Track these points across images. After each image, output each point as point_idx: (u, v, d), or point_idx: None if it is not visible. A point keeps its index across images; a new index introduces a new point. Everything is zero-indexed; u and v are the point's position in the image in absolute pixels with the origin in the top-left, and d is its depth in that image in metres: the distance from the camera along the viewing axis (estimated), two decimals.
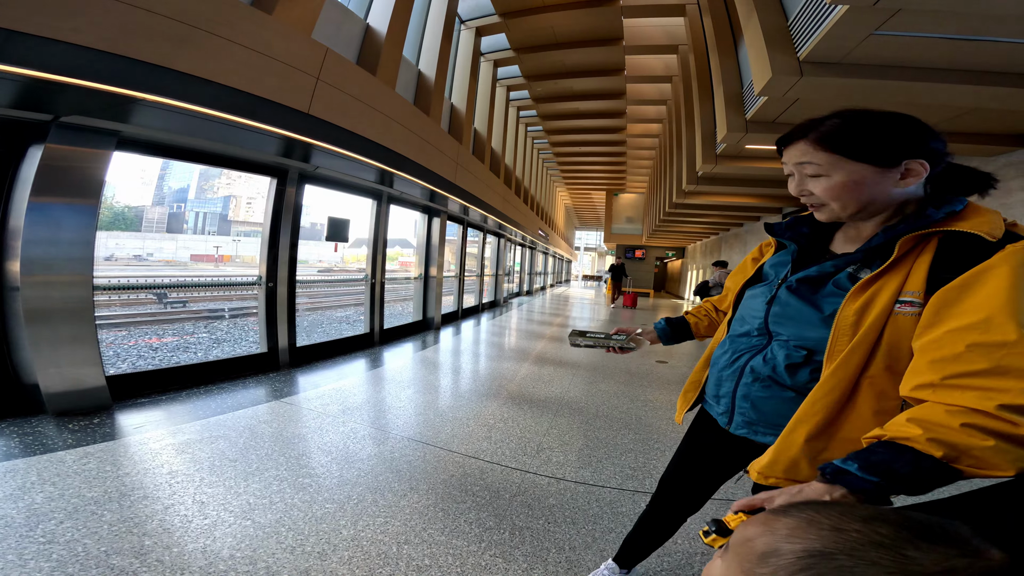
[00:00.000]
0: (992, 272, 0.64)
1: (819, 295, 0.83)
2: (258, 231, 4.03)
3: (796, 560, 0.35)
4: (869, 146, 0.74)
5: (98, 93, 2.13)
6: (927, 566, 0.32)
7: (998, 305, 0.61)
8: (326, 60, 3.20)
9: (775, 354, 0.88)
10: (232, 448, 2.28)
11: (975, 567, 0.32)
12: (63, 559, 1.44)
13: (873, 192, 0.76)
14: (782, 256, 0.98)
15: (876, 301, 0.73)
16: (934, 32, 1.93)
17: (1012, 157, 3.59)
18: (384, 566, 1.52)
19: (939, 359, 0.64)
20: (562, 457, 2.47)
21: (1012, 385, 0.58)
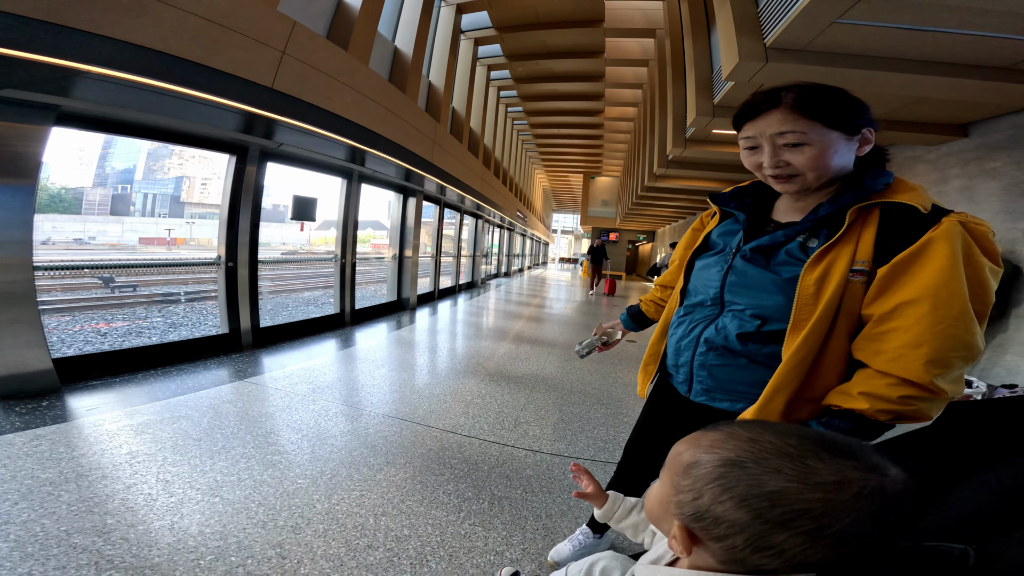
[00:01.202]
0: (933, 248, 0.72)
1: (773, 263, 0.88)
2: (215, 213, 3.84)
3: (713, 469, 0.41)
4: (840, 114, 0.78)
5: (33, 64, 1.96)
6: (824, 475, 0.38)
7: (942, 281, 0.70)
8: (293, 33, 3.06)
9: (726, 324, 0.92)
10: (195, 428, 2.23)
11: (869, 480, 0.38)
12: (21, 539, 1.40)
13: (840, 161, 0.80)
14: (729, 225, 1.02)
15: (833, 271, 0.78)
16: (891, 22, 2.04)
17: (953, 146, 3.85)
18: (361, 537, 1.56)
19: (887, 330, 0.74)
20: (538, 431, 2.56)
21: (947, 356, 0.69)
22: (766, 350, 0.87)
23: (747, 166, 0.90)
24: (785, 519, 0.38)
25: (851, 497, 0.37)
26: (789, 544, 0.38)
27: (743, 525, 0.39)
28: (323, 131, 3.48)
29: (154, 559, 1.37)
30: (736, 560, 0.42)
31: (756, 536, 0.39)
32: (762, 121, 0.83)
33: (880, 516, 0.38)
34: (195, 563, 1.37)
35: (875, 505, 0.37)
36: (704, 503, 0.42)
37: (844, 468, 0.39)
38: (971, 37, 2.16)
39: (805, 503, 0.38)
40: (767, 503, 0.38)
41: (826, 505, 0.37)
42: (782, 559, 0.39)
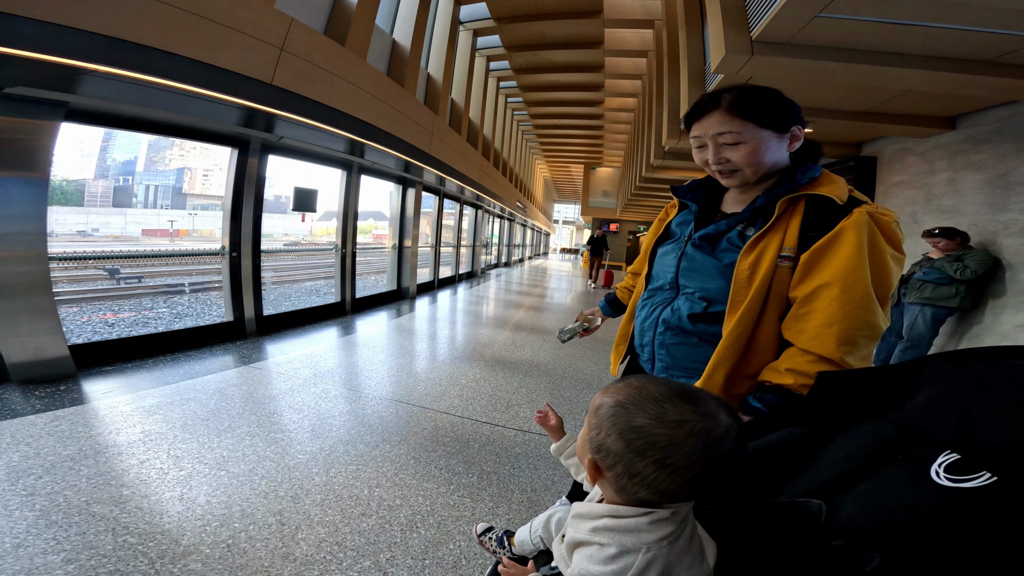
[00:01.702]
0: (844, 236, 0.80)
1: (717, 250, 0.96)
2: (216, 204, 3.92)
3: (608, 409, 0.52)
4: (770, 113, 0.86)
5: (44, 64, 2.03)
6: (670, 416, 0.49)
7: (850, 267, 0.78)
8: (291, 30, 3.10)
9: (680, 306, 0.99)
10: (203, 409, 2.35)
11: (699, 423, 0.49)
12: (46, 508, 1.52)
13: (773, 156, 0.88)
14: (685, 216, 1.10)
15: (764, 257, 0.86)
16: (872, 16, 2.06)
17: (941, 139, 3.87)
18: (356, 506, 1.67)
19: (807, 311, 0.82)
20: (529, 412, 2.66)
21: (853, 335, 0.78)
22: (712, 329, 0.94)
23: (697, 162, 0.97)
24: (643, 449, 0.49)
25: (685, 434, 0.48)
26: (647, 472, 0.49)
27: (620, 454, 0.50)
28: (322, 125, 3.54)
29: (165, 525, 1.49)
30: (622, 489, 0.52)
31: (628, 463, 0.50)
32: (705, 121, 0.90)
33: (704, 451, 0.48)
34: (202, 528, 1.49)
35: (700, 441, 0.48)
36: (601, 437, 0.52)
37: (686, 412, 0.49)
38: (953, 31, 2.19)
39: (655, 436, 0.48)
40: (633, 435, 0.49)
41: (668, 439, 0.48)
42: (645, 486, 0.49)
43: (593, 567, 0.52)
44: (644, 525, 0.51)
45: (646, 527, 0.51)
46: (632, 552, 0.51)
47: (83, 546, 1.37)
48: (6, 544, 1.35)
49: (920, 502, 0.43)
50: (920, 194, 4.15)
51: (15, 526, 1.42)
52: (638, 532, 0.51)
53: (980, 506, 0.39)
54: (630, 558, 0.50)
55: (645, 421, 0.49)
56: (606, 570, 0.51)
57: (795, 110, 0.88)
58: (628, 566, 0.50)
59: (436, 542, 1.52)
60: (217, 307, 6.92)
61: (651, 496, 0.51)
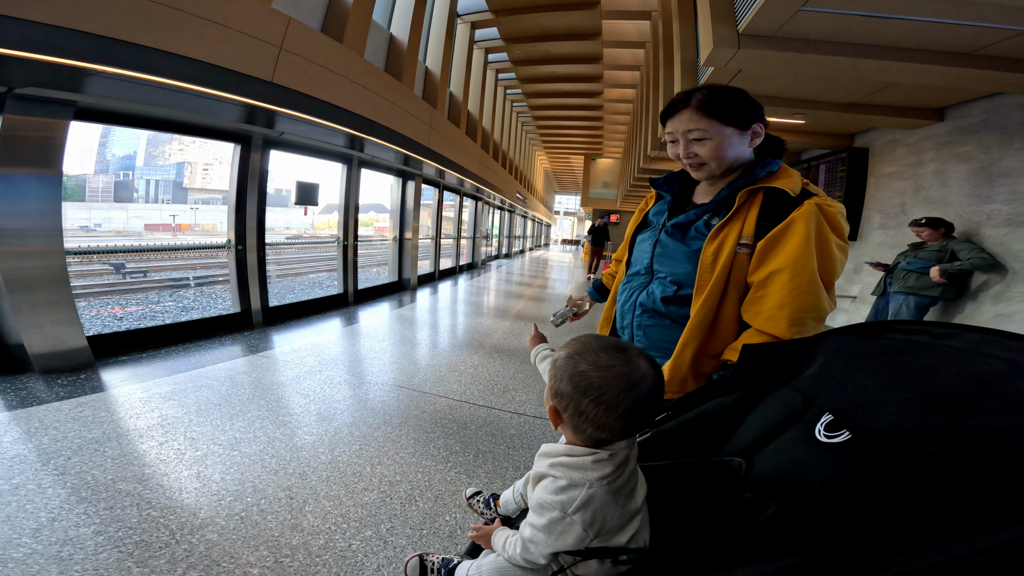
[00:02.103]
0: (794, 226, 0.87)
1: (687, 237, 1.02)
2: (217, 198, 4.01)
3: (563, 361, 0.63)
4: (733, 112, 0.93)
5: (54, 66, 2.10)
6: (604, 362, 0.61)
7: (798, 254, 0.85)
8: (289, 29, 3.16)
9: (654, 290, 1.06)
10: (215, 395, 2.47)
11: (624, 367, 0.60)
12: (76, 486, 1.64)
13: (736, 152, 0.95)
14: (661, 206, 1.17)
15: (725, 244, 0.93)
16: (855, 9, 2.10)
17: (929, 130, 3.89)
18: (359, 482, 1.79)
19: (762, 295, 0.90)
20: (524, 397, 2.78)
21: (802, 316, 0.85)
22: (683, 311, 1.01)
23: (671, 156, 1.04)
24: (584, 389, 0.61)
25: (613, 376, 0.60)
26: (589, 408, 0.60)
27: (570, 396, 0.62)
28: (322, 121, 3.60)
29: (184, 500, 1.61)
30: (576, 428, 0.63)
31: (575, 403, 0.61)
32: (677, 119, 0.97)
33: (627, 390, 0.59)
34: (218, 503, 1.61)
35: (625, 381, 0.60)
36: (556, 384, 0.64)
37: (614, 359, 0.61)
38: (933, 24, 2.22)
39: (592, 379, 0.61)
40: (578, 378, 0.61)
41: (601, 380, 0.60)
42: (590, 422, 0.61)
43: (547, 496, 0.64)
44: (588, 464, 0.62)
45: (590, 465, 0.62)
46: (578, 486, 0.62)
47: (111, 519, 1.49)
48: (42, 518, 1.47)
49: (807, 458, 0.52)
50: (909, 185, 4.19)
51: (49, 502, 1.54)
52: (584, 469, 0.62)
53: (843, 458, 0.48)
54: (575, 491, 0.61)
55: (586, 367, 0.61)
56: (556, 499, 0.62)
57: (757, 109, 0.95)
58: (573, 498, 0.61)
59: (433, 514, 1.64)
60: (222, 300, 7.03)
61: (596, 432, 0.61)
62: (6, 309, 2.50)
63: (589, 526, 0.61)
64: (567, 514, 0.61)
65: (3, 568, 1.25)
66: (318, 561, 1.39)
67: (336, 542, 1.47)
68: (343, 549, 1.44)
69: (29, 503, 1.52)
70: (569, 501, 0.61)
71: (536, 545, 0.65)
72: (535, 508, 0.66)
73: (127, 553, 1.35)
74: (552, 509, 0.62)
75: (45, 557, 1.31)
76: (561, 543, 0.62)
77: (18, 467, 1.71)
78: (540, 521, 0.64)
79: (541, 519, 0.64)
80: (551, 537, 0.63)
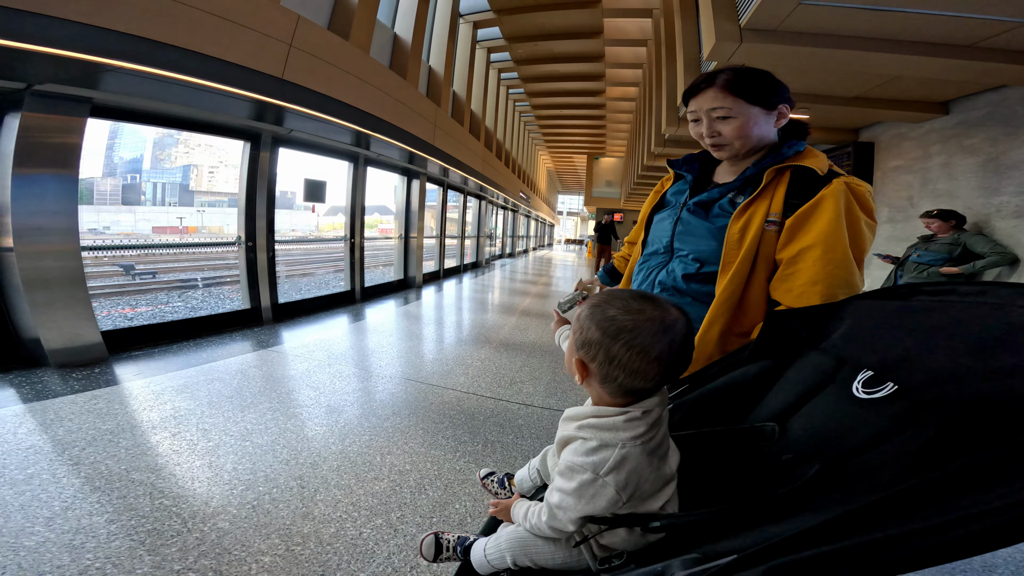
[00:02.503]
0: (824, 204, 0.85)
1: (710, 215, 1.01)
2: (223, 200, 4.03)
3: (587, 311, 0.64)
4: (759, 92, 0.91)
5: (73, 61, 2.11)
6: (634, 308, 0.59)
7: (830, 231, 0.84)
8: (298, 26, 3.17)
9: (674, 268, 1.04)
10: (227, 388, 2.48)
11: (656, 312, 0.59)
12: (90, 475, 1.64)
13: (761, 131, 0.94)
14: (680, 186, 1.15)
15: (752, 221, 0.91)
16: (854, 3, 2.08)
17: (935, 124, 3.84)
18: (369, 471, 1.78)
19: (793, 272, 0.88)
20: (532, 389, 2.76)
21: (834, 292, 0.84)
22: (705, 289, 0.98)
23: (693, 135, 1.02)
24: (616, 333, 0.59)
25: (645, 319, 0.59)
26: (621, 353, 0.58)
27: (599, 341, 0.60)
28: (329, 117, 3.60)
29: (196, 489, 1.61)
30: (606, 377, 0.61)
31: (606, 349, 0.59)
32: (701, 97, 0.95)
33: (661, 332, 0.58)
34: (229, 492, 1.61)
35: (658, 324, 0.58)
36: (582, 335, 0.62)
37: (645, 305, 0.60)
38: (933, 17, 2.19)
39: (623, 322, 0.59)
40: (608, 323, 0.60)
41: (633, 323, 0.58)
42: (622, 368, 0.58)
43: (577, 458, 0.61)
44: (620, 423, 0.60)
45: (621, 425, 0.60)
46: (610, 447, 0.59)
47: (124, 508, 1.49)
48: (56, 507, 1.47)
49: (846, 416, 0.51)
50: (916, 179, 4.13)
51: (63, 491, 1.54)
52: (615, 430, 0.60)
53: (890, 410, 0.47)
54: (607, 452, 0.59)
55: (615, 312, 0.60)
56: (587, 460, 0.60)
57: (783, 90, 0.94)
58: (605, 459, 0.58)
59: (443, 502, 1.63)
60: (229, 300, 7.07)
61: (629, 380, 0.59)
62: (23, 305, 2.52)
63: (622, 488, 0.58)
64: (599, 476, 0.58)
65: (15, 556, 1.25)
66: (329, 549, 1.38)
67: (347, 530, 1.46)
68: (354, 537, 1.44)
69: (43, 492, 1.53)
70: (601, 462, 0.58)
71: (565, 510, 0.62)
72: (563, 472, 0.63)
73: (139, 541, 1.35)
74: (583, 471, 0.59)
75: (57, 545, 1.30)
76: (592, 507, 0.59)
77: (33, 457, 1.71)
78: (570, 484, 0.61)
79: (571, 482, 0.61)
80: (581, 501, 0.60)
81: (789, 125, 0.98)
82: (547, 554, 0.69)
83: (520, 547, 0.71)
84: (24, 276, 2.46)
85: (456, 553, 0.87)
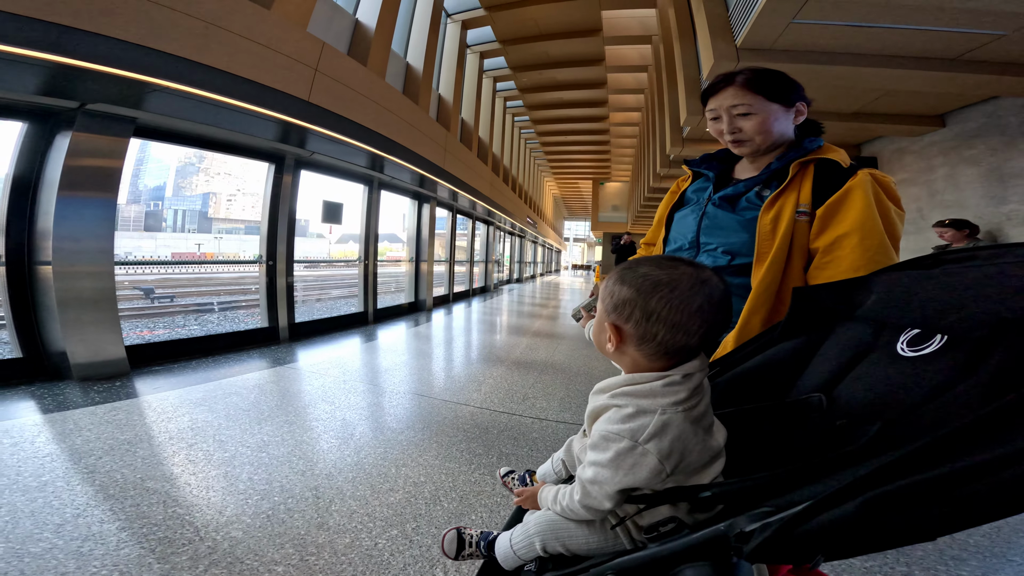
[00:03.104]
0: (853, 193, 0.87)
1: (737, 208, 1.01)
2: (240, 227, 4.15)
3: (615, 275, 0.62)
4: (778, 89, 0.94)
5: (122, 80, 2.24)
6: (664, 265, 0.57)
7: (864, 217, 0.85)
8: (323, 52, 3.35)
9: (702, 260, 1.03)
10: (244, 401, 2.46)
11: (690, 267, 0.57)
12: (105, 484, 1.62)
13: (781, 127, 0.96)
14: (700, 184, 1.16)
15: (784, 212, 0.92)
16: (842, 20, 2.14)
17: (935, 136, 3.86)
18: (384, 482, 1.73)
19: (831, 259, 0.88)
20: (545, 404, 2.70)
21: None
22: (737, 281, 0.96)
23: (712, 133, 1.05)
24: (651, 287, 0.56)
25: (680, 273, 0.56)
26: (659, 307, 0.55)
27: (634, 299, 0.57)
28: (350, 139, 3.74)
29: (211, 498, 1.58)
30: (643, 337, 0.57)
31: (643, 305, 0.56)
32: (720, 96, 0.98)
33: (699, 285, 0.55)
34: (244, 501, 1.57)
35: (694, 278, 0.56)
36: (613, 299, 0.59)
37: (674, 263, 0.58)
38: (916, 32, 2.25)
39: (658, 277, 0.56)
40: (641, 279, 0.57)
41: (669, 276, 0.56)
42: (662, 322, 0.55)
43: (611, 427, 0.56)
44: (659, 388, 0.55)
45: (660, 390, 0.55)
46: (648, 413, 0.54)
47: (136, 516, 1.46)
48: (67, 514, 1.44)
49: (897, 375, 0.49)
50: (922, 191, 4.12)
51: (76, 499, 1.52)
52: (653, 395, 0.55)
53: (943, 363, 0.45)
54: (646, 418, 0.54)
55: (647, 269, 0.58)
56: (624, 428, 0.55)
57: (799, 88, 0.97)
58: (644, 425, 0.53)
59: (458, 514, 1.57)
60: (244, 324, 7.16)
61: (670, 335, 0.55)
62: (53, 322, 2.57)
63: (666, 457, 0.53)
64: (638, 443, 0.53)
65: (19, 562, 1.22)
66: (344, 559, 1.33)
67: (362, 540, 1.41)
68: (369, 548, 1.38)
69: (56, 499, 1.50)
70: (640, 428, 0.53)
71: (600, 485, 0.56)
72: (597, 444, 0.57)
73: (149, 549, 1.31)
74: (619, 439, 0.54)
75: (64, 552, 1.27)
76: (632, 478, 0.54)
77: (48, 465, 1.70)
78: (605, 456, 0.55)
79: (606, 453, 0.55)
80: (619, 472, 0.54)
81: (805, 123, 1.00)
82: (580, 538, 0.64)
83: (551, 531, 0.66)
84: (59, 296, 2.52)
85: (479, 549, 0.82)
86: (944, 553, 1.49)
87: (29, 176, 2.56)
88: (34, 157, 2.56)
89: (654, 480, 0.54)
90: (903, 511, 0.34)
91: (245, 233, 25.91)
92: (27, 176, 2.56)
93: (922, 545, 1.41)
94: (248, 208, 32.36)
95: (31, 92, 2.32)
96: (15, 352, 2.66)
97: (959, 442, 0.34)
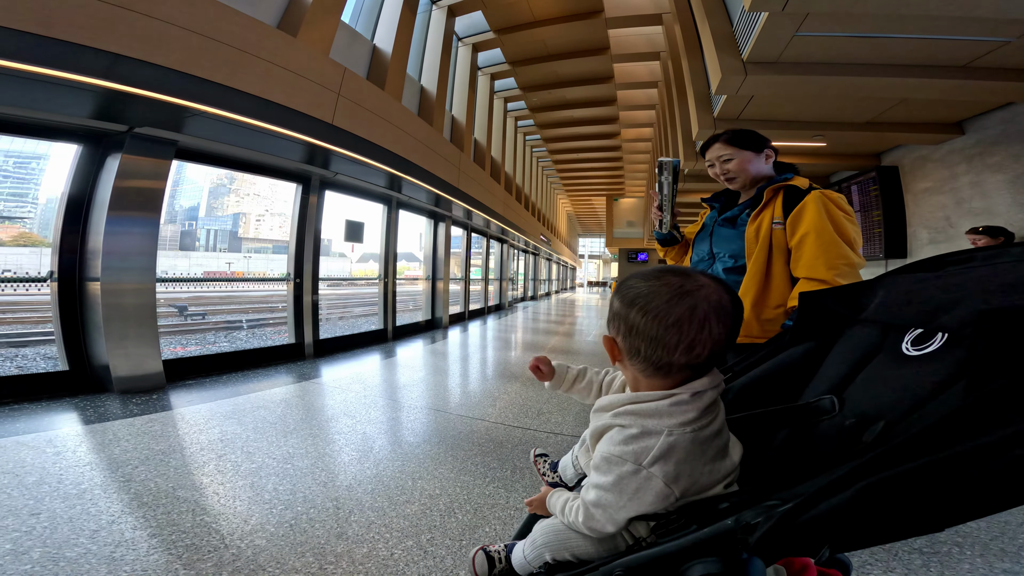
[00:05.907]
0: (806, 206, 1.22)
1: (736, 225, 1.39)
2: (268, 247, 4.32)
3: (617, 287, 0.60)
4: (750, 141, 1.36)
5: (166, 105, 2.43)
6: (652, 275, 0.56)
7: (817, 220, 1.19)
8: (345, 77, 3.55)
9: (717, 268, 1.40)
10: (271, 415, 2.55)
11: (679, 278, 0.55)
12: (139, 492, 1.70)
13: (756, 168, 1.37)
14: (712, 215, 1.53)
15: (763, 224, 1.29)
16: (844, 32, 2.15)
17: (955, 144, 3.74)
18: (401, 494, 1.76)
19: (800, 254, 1.21)
20: (560, 418, 2.69)
21: (834, 262, 1.15)
22: (738, 277, 1.31)
23: (712, 176, 1.45)
24: (631, 300, 0.54)
25: (662, 284, 0.53)
26: (636, 319, 0.53)
27: (620, 312, 0.56)
28: (370, 160, 3.91)
29: (237, 507, 1.63)
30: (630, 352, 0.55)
31: (625, 319, 0.55)
32: (712, 149, 1.42)
33: (678, 296, 0.52)
34: (268, 511, 1.61)
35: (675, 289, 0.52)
36: (610, 309, 0.59)
37: (668, 275, 0.55)
38: (921, 40, 2.23)
39: (638, 289, 0.55)
40: (626, 290, 0.56)
41: (648, 289, 0.54)
42: (641, 337, 0.53)
43: (614, 448, 0.52)
44: (665, 408, 0.52)
45: (666, 409, 0.52)
46: (654, 434, 0.51)
47: (167, 523, 1.52)
48: (102, 520, 1.51)
49: (901, 375, 0.50)
50: (949, 199, 3.99)
51: (111, 506, 1.59)
52: (659, 415, 0.52)
53: (948, 358, 0.46)
54: (651, 440, 0.51)
55: (634, 281, 0.57)
56: (627, 449, 0.51)
57: (765, 140, 1.36)
58: (648, 448, 0.50)
59: (472, 526, 1.57)
60: (271, 340, 7.37)
61: (651, 350, 0.52)
62: (100, 337, 2.74)
63: (673, 481, 0.50)
64: (642, 466, 0.50)
65: (54, 566, 1.27)
66: (361, 569, 1.35)
67: (379, 551, 1.43)
68: (385, 557, 1.40)
69: (93, 507, 1.58)
70: (644, 451, 0.50)
71: (604, 509, 0.53)
72: (599, 465, 0.54)
73: (176, 556, 1.36)
74: (622, 462, 0.51)
75: (98, 557, 1.32)
76: (638, 504, 0.50)
77: (88, 474, 1.80)
78: (607, 479, 0.52)
79: (608, 476, 0.52)
80: (623, 497, 0.51)
81: (783, 164, 1.39)
82: (589, 546, 0.61)
83: (557, 540, 0.64)
84: (106, 311, 2.69)
85: (508, 563, 0.81)
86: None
87: (82, 196, 2.75)
88: (87, 178, 2.77)
89: (662, 505, 0.51)
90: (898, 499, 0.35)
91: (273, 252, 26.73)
92: (80, 196, 2.75)
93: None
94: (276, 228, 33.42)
95: (86, 115, 2.51)
96: (62, 365, 2.83)
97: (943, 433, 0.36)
